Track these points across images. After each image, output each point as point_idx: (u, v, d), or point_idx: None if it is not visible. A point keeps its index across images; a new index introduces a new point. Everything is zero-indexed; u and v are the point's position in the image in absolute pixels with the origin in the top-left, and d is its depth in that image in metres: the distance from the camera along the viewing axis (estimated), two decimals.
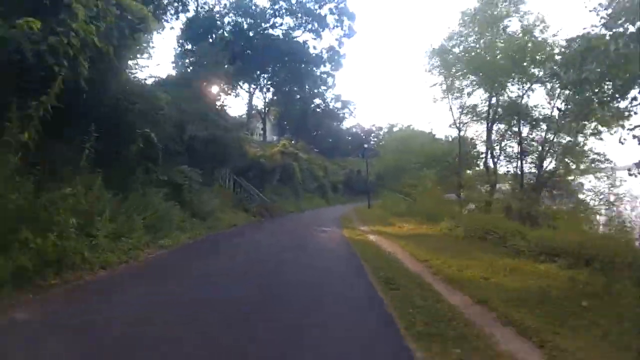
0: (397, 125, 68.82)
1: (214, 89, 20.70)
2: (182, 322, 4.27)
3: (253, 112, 47.18)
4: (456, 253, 8.38)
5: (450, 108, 23.43)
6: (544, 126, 19.46)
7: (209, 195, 15.57)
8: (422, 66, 24.64)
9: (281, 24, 31.88)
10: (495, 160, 22.63)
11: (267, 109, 49.81)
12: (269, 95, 50.94)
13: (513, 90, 20.71)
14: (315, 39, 31.91)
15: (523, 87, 19.83)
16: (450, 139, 23.78)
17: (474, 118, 24.08)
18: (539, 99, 20.57)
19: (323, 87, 57.43)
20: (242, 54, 29.70)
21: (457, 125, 24.44)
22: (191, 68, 27.07)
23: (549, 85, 18.62)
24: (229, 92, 24.22)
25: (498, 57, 19.16)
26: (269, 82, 43.60)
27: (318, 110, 59.78)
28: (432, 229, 13.46)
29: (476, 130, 23.31)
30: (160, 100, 12.04)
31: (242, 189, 21.58)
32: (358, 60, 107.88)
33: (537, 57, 18.03)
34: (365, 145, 71.97)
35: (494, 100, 21.58)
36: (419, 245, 9.52)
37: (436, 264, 7.36)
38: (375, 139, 73.58)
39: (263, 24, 31.70)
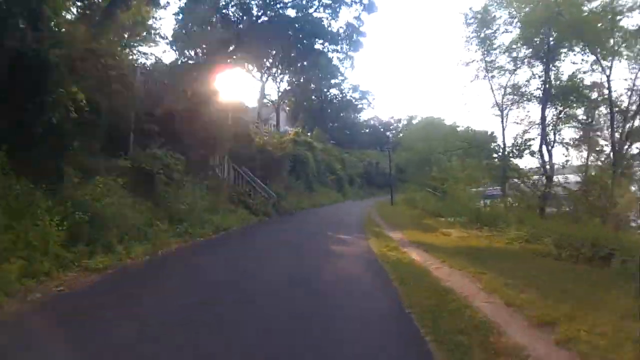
0: (417, 117, 64.70)
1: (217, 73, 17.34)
2: None
3: (265, 101, 43.45)
4: (586, 296, 4.49)
5: (491, 87, 19.44)
6: None
7: (193, 189, 11.91)
8: (458, 38, 20.72)
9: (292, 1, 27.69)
10: (550, 148, 18.43)
11: (280, 98, 46.02)
12: (284, 85, 47.35)
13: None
14: (330, 17, 27.75)
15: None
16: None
17: (521, 99, 20.01)
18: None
19: (340, 77, 53.47)
20: (249, 34, 25.83)
21: (500, 106, 20.37)
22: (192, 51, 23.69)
23: None
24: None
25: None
26: (281, 67, 39.82)
27: (335, 101, 55.78)
28: (495, 239, 9.48)
29: (527, 113, 19.01)
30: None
31: (244, 182, 17.89)
32: (376, 49, 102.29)
33: None
34: (389, 134, 68.15)
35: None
36: (503, 275, 5.55)
37: (579, 337, 3.46)
38: (394, 132, 69.63)
39: (271, 2, 27.62)
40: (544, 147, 17.43)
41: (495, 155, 18.01)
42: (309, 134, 33.45)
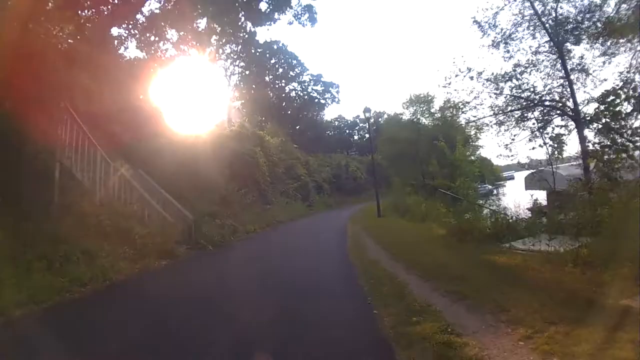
0: (384, 115, 58.10)
1: None
2: None
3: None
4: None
5: None
6: None
7: None
8: None
9: None
10: None
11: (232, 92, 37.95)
12: (235, 78, 39.42)
13: None
14: None
15: None
16: None
17: None
18: None
19: (298, 69, 46.11)
20: None
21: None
22: None
23: None
24: None
25: None
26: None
27: (295, 96, 48.05)
28: None
29: None
30: None
31: (134, 196, 9.88)
32: (339, 40, 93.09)
33: None
34: (356, 136, 61.21)
35: None
36: None
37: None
38: (361, 133, 63.09)
39: None
40: None
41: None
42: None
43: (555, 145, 10.18)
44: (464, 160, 18.72)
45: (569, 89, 10.46)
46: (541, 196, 13.30)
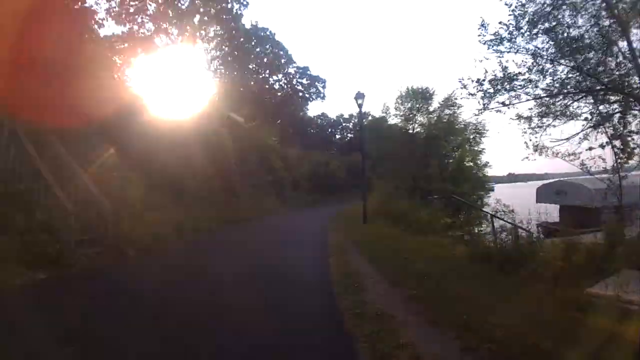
0: (369, 116, 55.47)
1: None
2: None
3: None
4: None
5: None
6: None
7: None
8: None
9: None
10: None
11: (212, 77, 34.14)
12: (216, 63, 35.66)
13: None
14: None
15: None
16: None
17: None
18: None
19: (284, 59, 42.74)
20: None
21: None
22: None
23: None
24: None
25: None
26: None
27: (278, 88, 44.55)
28: None
29: None
30: None
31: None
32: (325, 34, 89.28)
33: None
34: (337, 135, 58.38)
35: None
36: None
37: None
38: (344, 132, 60.47)
39: None
40: None
41: None
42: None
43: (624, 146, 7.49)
44: (466, 163, 16.29)
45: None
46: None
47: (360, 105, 14.22)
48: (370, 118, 50.63)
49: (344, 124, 59.90)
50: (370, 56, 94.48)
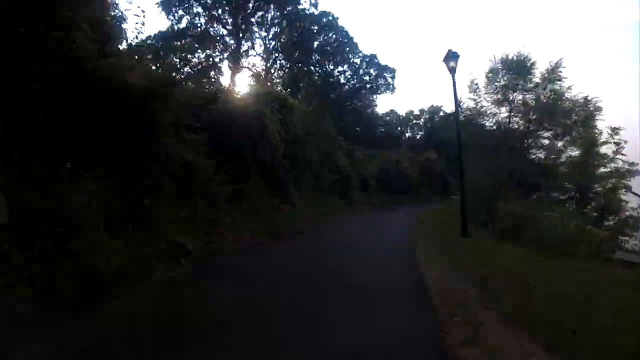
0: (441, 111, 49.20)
1: None
2: None
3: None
4: None
5: None
6: None
7: None
8: None
9: None
10: None
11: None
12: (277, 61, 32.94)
13: None
14: None
15: None
16: None
17: None
18: None
19: (348, 48, 38.40)
20: None
21: None
22: None
23: None
24: None
25: None
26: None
27: (344, 81, 40.06)
28: None
29: None
30: None
31: None
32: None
33: None
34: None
35: None
36: None
37: None
38: (414, 130, 54.99)
39: None
40: None
41: None
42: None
43: None
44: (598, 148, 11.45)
45: None
46: None
47: (452, 70, 9.99)
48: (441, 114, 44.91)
49: (414, 121, 54.44)
50: (445, 33, 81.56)
